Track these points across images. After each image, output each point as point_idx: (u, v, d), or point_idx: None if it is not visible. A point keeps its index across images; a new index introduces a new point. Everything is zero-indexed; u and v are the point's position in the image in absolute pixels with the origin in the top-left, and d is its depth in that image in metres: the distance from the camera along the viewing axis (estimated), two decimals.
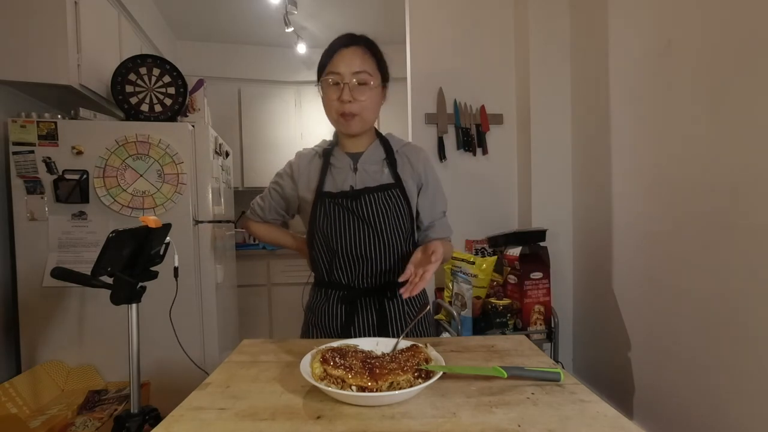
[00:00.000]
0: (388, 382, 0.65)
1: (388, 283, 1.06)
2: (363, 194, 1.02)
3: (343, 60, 0.99)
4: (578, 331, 2.32)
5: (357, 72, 0.98)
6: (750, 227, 1.31)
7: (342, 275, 1.06)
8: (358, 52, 1.00)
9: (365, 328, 1.06)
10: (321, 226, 1.04)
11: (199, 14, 3.21)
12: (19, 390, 1.65)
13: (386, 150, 1.09)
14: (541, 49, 2.28)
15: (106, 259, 1.16)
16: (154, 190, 1.93)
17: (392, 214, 1.03)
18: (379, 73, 1.03)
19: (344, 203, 1.02)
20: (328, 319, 1.08)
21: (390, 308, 1.07)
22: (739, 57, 1.33)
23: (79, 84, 1.90)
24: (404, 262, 1.05)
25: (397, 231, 1.04)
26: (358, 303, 1.06)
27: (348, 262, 1.04)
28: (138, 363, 1.27)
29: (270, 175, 1.22)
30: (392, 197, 1.04)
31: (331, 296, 1.08)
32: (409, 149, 1.12)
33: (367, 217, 1.02)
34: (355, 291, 1.06)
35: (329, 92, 1.02)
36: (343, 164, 1.07)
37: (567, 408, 0.62)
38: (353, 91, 0.99)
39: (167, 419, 0.60)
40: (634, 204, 1.84)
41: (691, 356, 1.53)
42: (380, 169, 1.07)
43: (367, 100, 1.00)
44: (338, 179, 1.06)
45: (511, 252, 2.02)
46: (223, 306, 2.34)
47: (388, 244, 1.04)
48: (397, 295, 1.07)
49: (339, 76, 0.99)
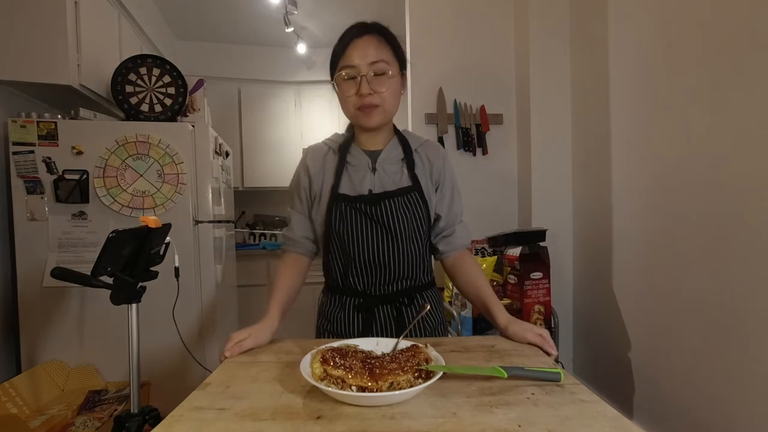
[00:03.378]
0: (388, 383, 0.65)
1: (405, 289, 1.02)
2: (382, 199, 0.97)
3: (357, 51, 0.92)
4: (578, 331, 2.32)
5: (373, 62, 0.92)
6: (750, 226, 1.31)
7: (357, 282, 1.01)
8: (372, 41, 0.93)
9: (384, 336, 1.01)
10: (337, 230, 0.98)
11: (199, 14, 3.21)
12: (19, 390, 1.65)
13: (405, 149, 1.04)
14: (541, 49, 2.28)
15: (106, 259, 1.16)
16: (154, 190, 1.93)
17: (411, 218, 0.98)
18: (397, 60, 0.97)
19: (362, 208, 0.97)
20: (344, 326, 1.03)
21: (408, 315, 1.02)
22: (740, 56, 1.33)
23: (79, 84, 1.90)
24: (422, 267, 1.04)
25: (415, 236, 1.00)
26: (376, 311, 1.02)
27: (364, 268, 1.00)
28: (138, 363, 1.27)
29: (270, 175, 1.21)
30: (411, 201, 0.99)
31: (346, 303, 1.03)
32: (429, 148, 1.07)
33: (385, 223, 0.97)
34: (371, 298, 1.02)
35: (345, 88, 0.95)
36: (360, 163, 1.02)
37: (567, 408, 0.62)
38: (371, 83, 0.92)
39: (167, 419, 0.60)
40: (634, 204, 1.84)
41: (691, 356, 1.53)
42: (399, 170, 1.01)
43: (387, 91, 0.94)
44: (355, 180, 1.00)
45: (511, 252, 2.01)
46: (223, 306, 2.34)
47: (406, 250, 0.99)
48: (414, 302, 1.03)
49: (354, 69, 0.92)
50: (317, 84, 3.77)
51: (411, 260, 1.01)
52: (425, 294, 1.06)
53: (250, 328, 0.89)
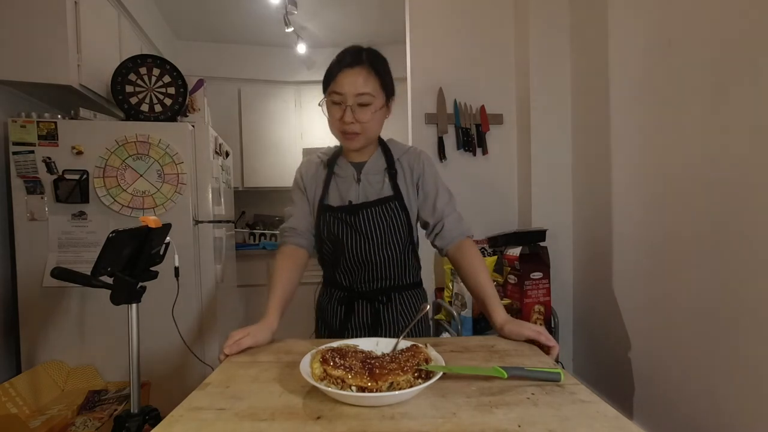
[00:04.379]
0: (388, 383, 0.65)
1: (384, 288, 1.13)
2: (361, 209, 1.07)
3: (347, 80, 0.99)
4: (578, 331, 2.32)
5: (360, 94, 0.99)
6: (750, 226, 1.31)
7: (344, 278, 1.13)
8: (362, 73, 1.00)
9: (360, 329, 1.13)
10: (325, 236, 1.10)
11: (199, 14, 3.21)
12: (19, 390, 1.65)
13: (387, 160, 1.11)
14: (541, 49, 2.28)
15: (106, 259, 1.16)
16: (154, 190, 1.93)
17: (389, 226, 1.07)
18: (383, 92, 1.04)
19: (343, 217, 1.08)
20: (330, 316, 1.16)
21: (384, 312, 1.13)
22: (741, 56, 1.32)
23: (79, 84, 1.90)
24: (402, 270, 1.13)
25: (393, 242, 1.09)
26: (356, 304, 1.13)
27: (350, 267, 1.11)
28: (138, 363, 1.27)
29: (270, 175, 1.23)
30: (389, 210, 1.07)
31: (333, 295, 1.16)
32: (409, 156, 1.13)
33: (363, 231, 1.07)
34: (353, 293, 1.13)
35: (332, 110, 1.03)
36: (347, 174, 1.11)
37: (567, 408, 0.62)
38: (355, 112, 1.00)
39: (167, 419, 0.60)
40: (634, 204, 1.84)
41: (691, 356, 1.53)
42: (382, 180, 1.10)
43: (369, 121, 1.02)
44: (342, 190, 1.10)
45: (511, 252, 2.02)
46: (223, 306, 2.34)
47: (385, 254, 1.09)
48: (392, 300, 1.13)
49: (342, 97, 1.00)
50: (317, 84, 3.69)
51: (390, 262, 1.10)
52: (405, 294, 1.15)
53: (249, 328, 0.92)
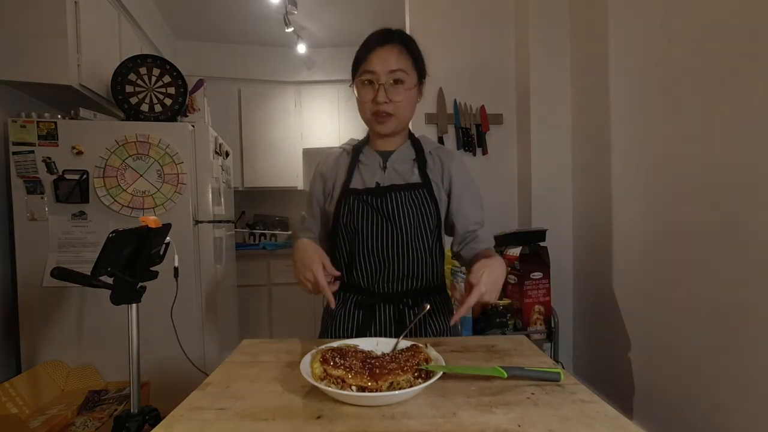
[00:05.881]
0: (388, 382, 0.65)
1: (410, 290, 1.01)
2: (389, 192, 0.99)
3: (379, 58, 0.96)
4: (578, 331, 2.32)
5: (392, 71, 0.96)
6: (750, 226, 1.31)
7: (361, 277, 1.02)
8: (393, 51, 0.97)
9: (382, 336, 0.99)
10: (345, 223, 1.01)
11: (199, 14, 3.21)
12: (19, 390, 1.65)
13: (417, 150, 1.06)
14: (541, 49, 2.28)
15: (106, 259, 1.16)
16: (154, 190, 1.93)
17: (417, 213, 0.99)
18: (416, 71, 1.00)
19: (369, 200, 0.99)
20: (343, 323, 1.02)
21: (410, 317, 1.00)
22: (741, 56, 1.32)
23: (79, 84, 1.90)
24: (425, 270, 1.02)
25: (420, 232, 1.00)
26: (376, 309, 1.01)
27: (368, 262, 1.00)
28: (138, 363, 1.27)
29: (270, 175, 1.21)
30: (418, 197, 1.00)
31: (348, 300, 1.03)
32: (442, 151, 1.09)
33: (390, 215, 0.98)
34: (373, 296, 1.01)
35: (363, 92, 0.99)
36: (372, 161, 1.05)
37: (567, 408, 0.62)
38: (388, 91, 0.96)
39: (167, 419, 0.60)
40: (633, 204, 1.84)
41: (691, 356, 1.53)
42: (410, 169, 1.04)
43: (402, 101, 0.98)
44: (366, 176, 1.04)
45: (511, 252, 2.01)
46: (223, 306, 2.34)
47: (410, 246, 0.99)
48: (418, 304, 1.01)
49: (374, 75, 0.96)
50: (317, 84, 3.77)
51: (417, 257, 1.00)
52: (432, 299, 1.04)
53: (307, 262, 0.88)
